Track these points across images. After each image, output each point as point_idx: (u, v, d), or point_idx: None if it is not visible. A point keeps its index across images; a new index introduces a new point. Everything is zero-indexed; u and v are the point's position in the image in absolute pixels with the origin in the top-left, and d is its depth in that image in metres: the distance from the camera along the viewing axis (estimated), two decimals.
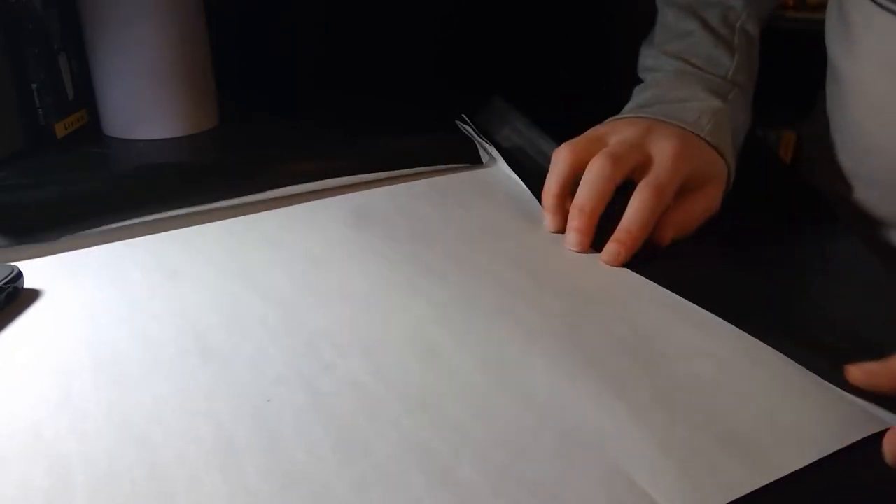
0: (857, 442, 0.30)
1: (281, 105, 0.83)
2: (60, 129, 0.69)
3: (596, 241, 0.46)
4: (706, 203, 0.50)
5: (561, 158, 0.49)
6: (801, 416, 0.32)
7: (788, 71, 0.94)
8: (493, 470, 0.28)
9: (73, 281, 0.43)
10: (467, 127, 0.65)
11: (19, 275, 0.42)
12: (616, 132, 0.51)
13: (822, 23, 0.63)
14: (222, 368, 0.34)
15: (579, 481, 0.28)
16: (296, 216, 0.51)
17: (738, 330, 0.38)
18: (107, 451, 0.29)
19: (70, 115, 0.70)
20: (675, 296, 0.41)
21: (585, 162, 0.48)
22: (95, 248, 0.46)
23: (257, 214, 0.51)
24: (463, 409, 0.32)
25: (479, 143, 0.63)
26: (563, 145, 0.50)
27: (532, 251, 0.47)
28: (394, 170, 0.57)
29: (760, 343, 0.36)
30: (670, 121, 0.51)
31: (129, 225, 0.48)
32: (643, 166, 0.48)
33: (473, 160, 0.61)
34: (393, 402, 0.32)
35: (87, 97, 0.72)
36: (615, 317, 0.39)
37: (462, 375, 0.34)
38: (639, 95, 0.57)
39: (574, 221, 0.47)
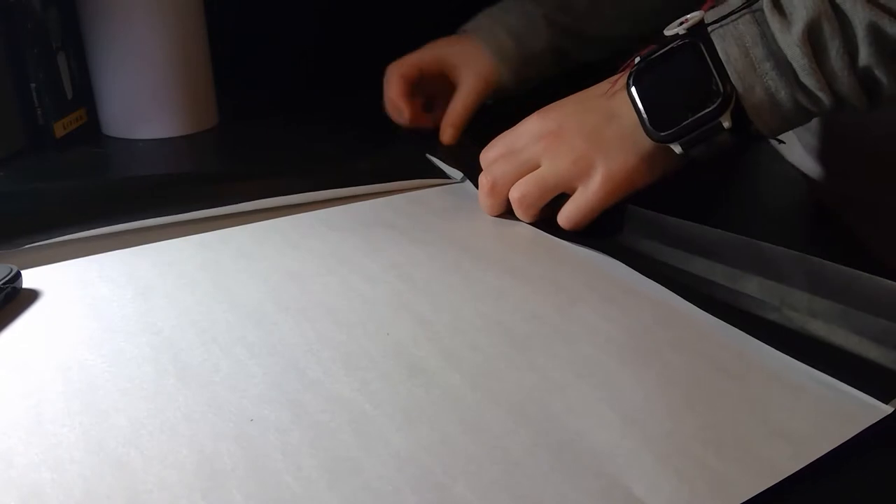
0: (853, 439, 0.28)
1: (280, 105, 0.81)
2: (59, 129, 0.66)
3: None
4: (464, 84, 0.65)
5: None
6: (797, 413, 0.30)
7: None
8: (487, 486, 0.26)
9: (52, 291, 0.40)
10: (435, 158, 0.63)
11: (18, 275, 0.40)
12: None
13: None
14: (202, 388, 0.31)
15: (576, 495, 0.25)
16: (272, 230, 0.48)
17: (728, 329, 0.36)
18: (83, 478, 0.26)
19: (69, 115, 0.68)
20: (662, 291, 0.40)
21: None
22: (64, 262, 0.43)
23: (232, 228, 0.48)
24: (453, 424, 0.29)
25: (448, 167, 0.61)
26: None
27: (514, 255, 0.45)
28: (371, 185, 0.55)
29: (752, 342, 0.35)
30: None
31: (98, 237, 0.46)
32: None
33: (446, 175, 0.59)
34: (381, 418, 0.29)
35: (86, 97, 0.70)
36: (603, 317, 0.37)
37: (450, 389, 0.31)
38: None
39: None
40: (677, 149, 0.43)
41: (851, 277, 0.36)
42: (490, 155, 0.50)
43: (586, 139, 0.45)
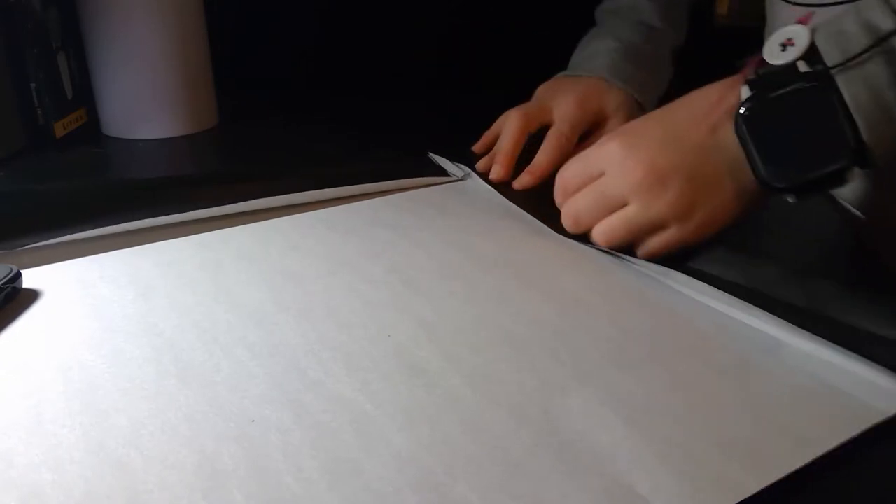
0: (856, 437, 0.28)
1: (280, 105, 0.81)
2: (59, 129, 0.66)
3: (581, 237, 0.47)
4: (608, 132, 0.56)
5: (512, 122, 0.59)
6: (800, 413, 0.30)
7: None
8: (489, 487, 0.26)
9: (52, 291, 0.40)
10: (437, 156, 0.62)
11: (18, 275, 0.39)
12: (536, 96, 0.63)
13: None
14: (203, 389, 0.31)
15: (579, 495, 0.25)
16: (272, 230, 0.48)
17: (731, 333, 0.36)
18: (83, 479, 0.26)
19: (69, 115, 0.68)
20: (662, 292, 0.40)
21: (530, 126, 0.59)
22: (65, 262, 0.43)
23: (233, 228, 0.48)
24: (454, 424, 0.29)
25: (451, 164, 0.60)
26: (515, 111, 0.60)
27: (515, 255, 0.44)
28: (371, 183, 0.55)
29: (755, 347, 0.35)
30: (578, 73, 0.62)
31: (98, 237, 0.46)
32: (552, 118, 0.59)
33: (447, 174, 0.59)
34: (382, 418, 0.29)
35: (86, 97, 0.70)
36: (604, 318, 0.37)
37: (451, 390, 0.31)
38: (571, 58, 0.67)
39: (498, 158, 0.58)
40: (791, 199, 0.40)
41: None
42: (568, 177, 0.47)
43: (687, 181, 0.41)
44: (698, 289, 0.39)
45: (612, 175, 0.44)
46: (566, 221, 0.46)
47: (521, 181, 0.56)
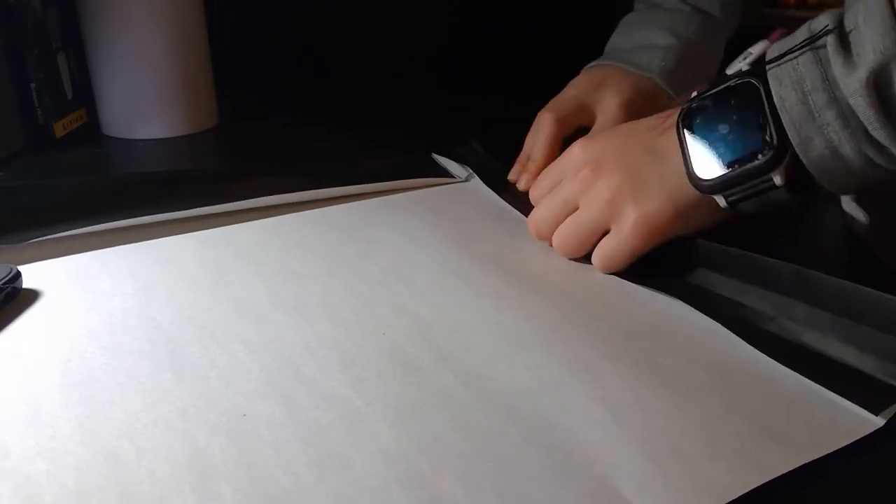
0: (844, 447, 0.29)
1: (280, 105, 0.82)
2: (59, 129, 0.67)
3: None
4: None
5: (545, 128, 0.56)
6: (788, 419, 0.30)
7: None
8: (475, 485, 0.26)
9: (51, 288, 0.41)
10: (440, 157, 0.63)
11: (18, 275, 0.40)
12: (576, 89, 0.59)
13: None
14: (198, 383, 0.32)
15: (564, 494, 0.26)
16: (273, 228, 0.49)
17: (724, 336, 0.36)
18: (76, 470, 0.27)
19: (69, 115, 0.69)
20: (662, 298, 0.40)
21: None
22: (65, 258, 0.44)
23: (233, 226, 0.49)
24: (444, 422, 0.30)
25: (455, 165, 0.61)
26: (548, 114, 0.56)
27: (516, 258, 0.45)
28: (372, 183, 0.56)
29: (749, 350, 0.35)
30: (622, 65, 0.59)
31: (99, 233, 0.47)
32: (592, 119, 0.57)
33: (450, 175, 0.59)
34: (373, 415, 0.30)
35: (86, 97, 0.71)
36: (600, 319, 0.38)
37: (443, 388, 0.32)
38: (613, 36, 0.63)
39: (530, 168, 0.56)
40: (721, 202, 0.40)
41: (850, 290, 0.35)
42: (537, 192, 0.48)
43: (623, 175, 0.42)
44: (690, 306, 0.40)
45: (567, 179, 0.45)
46: (531, 232, 0.47)
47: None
